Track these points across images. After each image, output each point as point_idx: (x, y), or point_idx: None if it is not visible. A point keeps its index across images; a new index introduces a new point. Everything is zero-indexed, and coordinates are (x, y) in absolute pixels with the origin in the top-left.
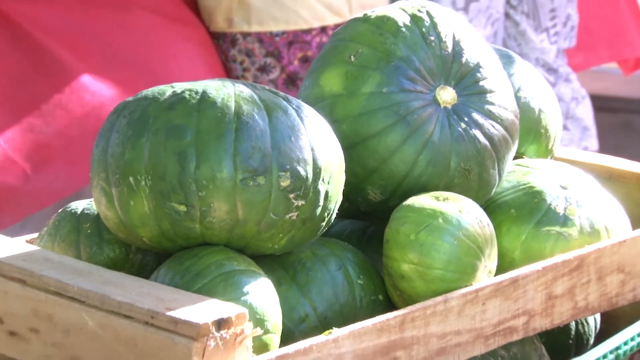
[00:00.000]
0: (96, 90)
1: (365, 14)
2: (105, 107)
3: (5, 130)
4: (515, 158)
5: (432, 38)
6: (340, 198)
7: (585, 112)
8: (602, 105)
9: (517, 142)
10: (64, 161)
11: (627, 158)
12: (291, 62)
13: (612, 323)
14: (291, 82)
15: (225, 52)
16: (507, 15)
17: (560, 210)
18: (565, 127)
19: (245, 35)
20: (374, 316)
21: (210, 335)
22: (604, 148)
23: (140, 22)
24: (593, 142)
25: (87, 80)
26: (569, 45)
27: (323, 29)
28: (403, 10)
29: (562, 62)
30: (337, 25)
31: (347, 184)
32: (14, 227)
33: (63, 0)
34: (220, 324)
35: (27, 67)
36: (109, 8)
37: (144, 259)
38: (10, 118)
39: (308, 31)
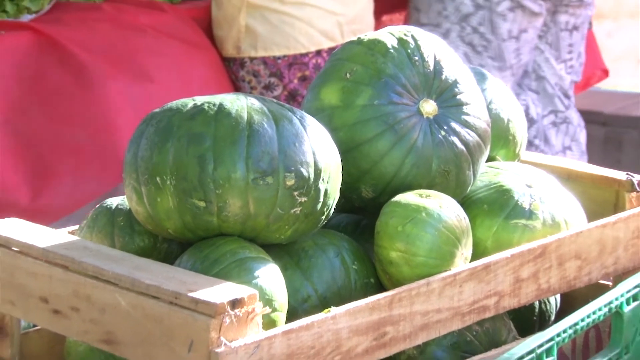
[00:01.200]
0: (120, 107)
1: (359, 38)
2: (130, 116)
3: (20, 142)
4: (487, 161)
5: (417, 58)
6: (337, 195)
7: (584, 139)
8: None
9: (489, 147)
10: (68, 180)
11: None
12: (291, 81)
13: (570, 303)
14: (292, 98)
15: (235, 73)
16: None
17: (526, 205)
18: (569, 148)
19: (252, 58)
20: (367, 297)
21: (226, 313)
22: None
23: (165, 45)
24: None
25: (117, 95)
26: (577, 80)
27: (318, 52)
28: (391, 34)
29: (572, 92)
30: (330, 49)
31: (344, 183)
32: (61, 220)
33: (104, 27)
34: (235, 303)
35: (69, 83)
36: (141, 33)
37: (169, 247)
38: (43, 129)
39: (306, 54)
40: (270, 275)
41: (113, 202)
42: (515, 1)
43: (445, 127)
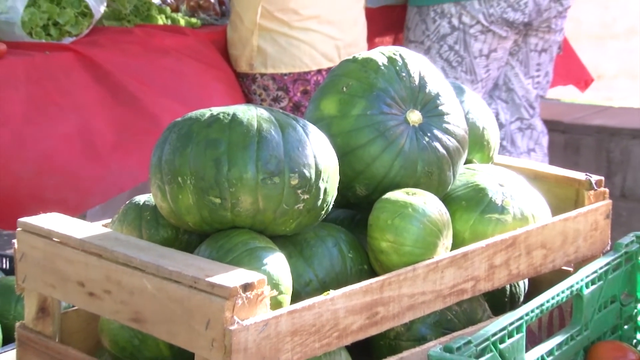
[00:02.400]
0: (152, 113)
1: (354, 57)
2: (159, 123)
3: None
4: (465, 163)
5: (404, 74)
6: (335, 193)
7: (546, 143)
8: None
9: (466, 151)
10: (133, 159)
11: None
12: (295, 94)
13: (537, 286)
14: (296, 109)
15: (248, 87)
16: (506, 61)
17: (498, 202)
18: (533, 150)
19: (263, 75)
20: (361, 281)
21: (238, 295)
22: None
23: (185, 66)
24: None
25: (146, 107)
26: (543, 94)
27: (319, 71)
28: (382, 53)
29: (537, 105)
30: (329, 68)
31: (340, 182)
32: (97, 213)
33: (133, 51)
34: (246, 287)
35: (106, 96)
36: (164, 55)
37: (189, 238)
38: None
39: (308, 72)
40: (277, 263)
41: (141, 199)
42: (485, 26)
43: (428, 134)
